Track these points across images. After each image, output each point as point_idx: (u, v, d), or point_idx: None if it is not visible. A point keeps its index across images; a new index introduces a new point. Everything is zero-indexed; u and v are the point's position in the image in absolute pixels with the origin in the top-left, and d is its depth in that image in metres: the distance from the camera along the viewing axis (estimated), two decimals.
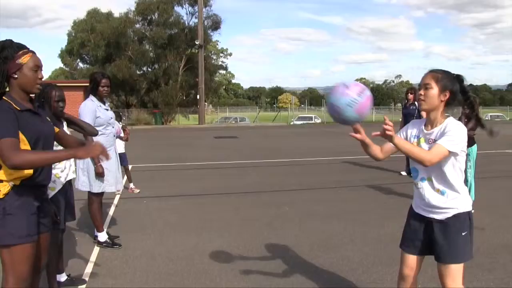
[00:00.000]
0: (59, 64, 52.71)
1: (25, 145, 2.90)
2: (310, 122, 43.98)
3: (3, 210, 2.87)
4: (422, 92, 3.23)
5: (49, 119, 3.23)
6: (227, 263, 5.19)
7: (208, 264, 5.16)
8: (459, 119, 7.67)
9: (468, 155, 7.50)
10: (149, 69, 42.56)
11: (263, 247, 5.75)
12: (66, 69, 54.40)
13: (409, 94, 11.47)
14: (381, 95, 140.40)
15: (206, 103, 44.27)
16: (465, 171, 7.40)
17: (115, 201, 8.26)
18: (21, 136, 2.88)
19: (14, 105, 2.91)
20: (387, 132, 3.03)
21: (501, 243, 5.94)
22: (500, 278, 4.76)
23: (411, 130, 3.43)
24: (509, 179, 10.81)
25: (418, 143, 3.29)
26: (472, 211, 3.28)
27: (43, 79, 3.12)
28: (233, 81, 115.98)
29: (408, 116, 11.17)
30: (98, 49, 41.29)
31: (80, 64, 49.53)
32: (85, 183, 5.55)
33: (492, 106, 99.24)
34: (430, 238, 3.27)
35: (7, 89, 2.96)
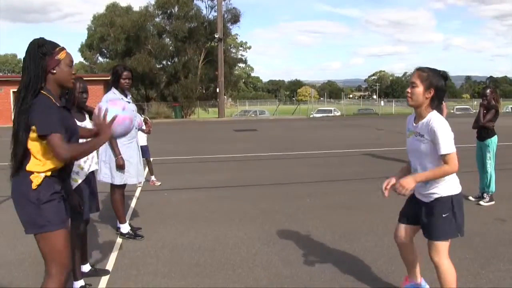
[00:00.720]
0: (79, 58, 53.00)
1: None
2: (330, 115, 43.86)
3: (38, 200, 2.97)
4: (409, 90, 3.61)
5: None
6: (249, 254, 5.23)
7: (230, 255, 5.20)
8: (478, 112, 7.65)
9: (487, 146, 7.46)
10: (169, 63, 42.76)
11: (284, 238, 5.77)
12: (86, 63, 54.77)
13: None
14: (401, 87, 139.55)
15: (225, 97, 44.31)
16: (485, 163, 7.40)
17: (137, 193, 8.33)
18: None
19: (54, 101, 3.01)
20: (404, 192, 3.48)
21: (503, 229, 5.90)
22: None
23: (407, 125, 3.87)
24: None
25: (408, 137, 3.79)
26: (456, 193, 3.75)
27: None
28: (252, 74, 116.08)
29: None
30: (118, 43, 41.49)
31: (100, 58, 49.86)
32: (107, 175, 5.61)
33: None
34: (418, 213, 3.74)
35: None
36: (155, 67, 40.39)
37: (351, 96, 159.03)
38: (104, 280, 4.52)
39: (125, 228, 5.86)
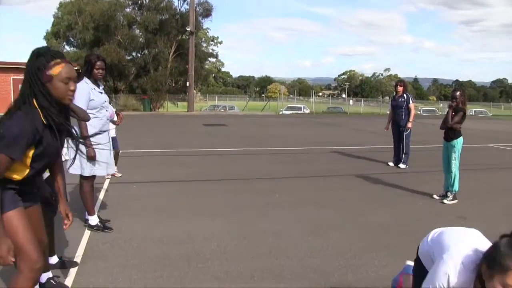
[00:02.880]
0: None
1: (25, 163, 2.91)
2: (299, 112, 44.06)
3: None
4: None
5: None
6: (219, 247, 5.25)
7: (199, 248, 5.21)
8: (447, 113, 7.83)
9: (453, 147, 7.65)
10: (139, 55, 42.30)
11: (254, 233, 5.81)
12: None
13: (398, 86, 11.57)
14: (370, 87, 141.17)
15: (195, 91, 44.11)
16: (450, 163, 7.59)
17: (105, 185, 8.26)
18: (29, 152, 2.88)
19: (42, 118, 2.89)
20: None
21: (481, 230, 6.04)
22: None
23: None
24: (491, 172, 11.06)
25: None
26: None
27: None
28: (223, 69, 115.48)
29: (397, 108, 11.29)
30: (86, 32, 40.51)
31: (67, 47, 48.86)
32: (76, 165, 5.53)
33: (476, 102, 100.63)
34: None
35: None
36: (125, 58, 39.85)
37: (320, 94, 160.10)
38: (72, 272, 4.48)
39: (93, 220, 5.82)
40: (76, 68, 5.82)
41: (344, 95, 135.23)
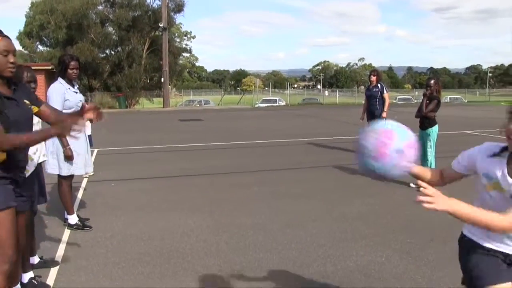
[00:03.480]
0: (17, 46, 51.42)
1: None
2: (275, 104, 44.15)
3: None
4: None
5: (27, 101, 3.26)
6: (198, 242, 5.31)
7: (179, 243, 5.26)
8: (421, 101, 7.97)
9: (429, 135, 7.79)
10: (112, 52, 41.88)
11: (233, 226, 5.87)
12: (25, 52, 53.12)
13: (371, 76, 11.66)
14: (345, 78, 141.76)
15: (170, 86, 43.92)
16: (426, 151, 7.74)
17: (83, 184, 8.24)
18: None
19: None
20: (429, 206, 2.26)
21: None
22: (454, 250, 4.99)
23: (488, 169, 2.54)
24: None
25: (489, 190, 2.54)
26: None
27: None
28: (197, 64, 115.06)
29: (371, 98, 11.38)
30: (59, 31, 40.22)
31: (40, 47, 48.33)
32: (54, 165, 5.55)
33: (451, 89, 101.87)
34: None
35: None
36: (98, 56, 39.47)
37: (295, 86, 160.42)
38: (54, 271, 4.50)
39: (73, 219, 5.83)
40: (49, 67, 5.83)
41: (319, 86, 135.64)
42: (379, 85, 11.32)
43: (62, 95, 5.45)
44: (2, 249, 3.07)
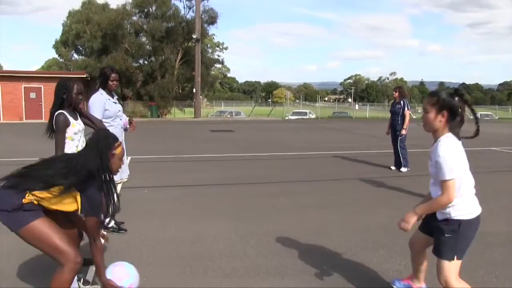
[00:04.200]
0: (53, 55, 52.93)
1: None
2: (305, 117, 44.39)
3: (17, 210, 3.36)
4: (423, 116, 3.60)
5: None
6: (226, 246, 5.60)
7: (209, 248, 5.56)
8: None
9: None
10: (146, 62, 42.76)
11: (259, 233, 6.15)
12: (61, 60, 54.37)
13: (394, 92, 11.86)
14: (376, 92, 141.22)
15: (201, 97, 44.53)
16: None
17: (118, 190, 8.60)
18: None
19: None
20: (407, 228, 3.74)
21: (478, 231, 6.37)
22: (472, 261, 5.21)
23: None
24: (491, 175, 11.28)
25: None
26: (467, 218, 3.71)
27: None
28: (228, 75, 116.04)
29: (394, 114, 11.56)
30: (94, 40, 41.33)
31: (75, 56, 49.56)
32: None
33: (483, 105, 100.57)
34: (432, 228, 3.83)
35: None
36: (132, 66, 40.36)
37: (326, 99, 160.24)
38: (92, 269, 4.83)
39: (109, 222, 6.17)
40: (84, 76, 6.23)
41: (350, 100, 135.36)
42: (402, 102, 11.48)
43: (103, 105, 5.82)
44: (59, 249, 3.43)
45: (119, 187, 8.71)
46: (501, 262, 5.25)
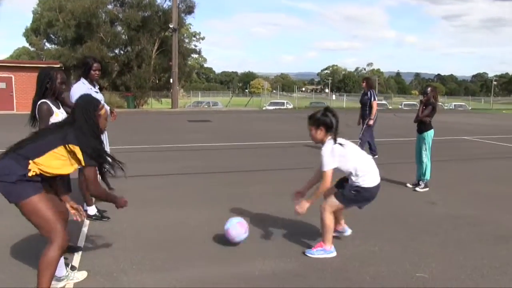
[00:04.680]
0: (23, 43, 51.78)
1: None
2: (282, 107, 44.58)
3: (23, 179, 3.55)
4: (310, 134, 4.97)
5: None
6: (210, 232, 5.75)
7: (193, 233, 5.73)
8: (418, 107, 8.46)
9: (424, 138, 8.26)
10: (122, 52, 42.22)
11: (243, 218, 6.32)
12: (32, 49, 53.27)
13: (362, 83, 12.08)
14: (352, 82, 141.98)
15: (178, 87, 44.38)
16: (421, 153, 8.20)
17: (99, 179, 8.68)
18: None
19: None
20: (302, 211, 4.92)
21: (447, 214, 6.73)
22: (441, 242, 5.51)
23: None
24: (461, 162, 11.72)
25: None
26: (365, 186, 4.89)
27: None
28: (205, 65, 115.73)
29: (362, 105, 11.76)
30: (67, 29, 40.07)
31: (48, 45, 48.35)
32: None
33: (457, 96, 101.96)
34: None
35: None
36: (107, 55, 39.77)
37: (303, 89, 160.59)
38: (77, 255, 4.96)
39: (92, 210, 6.28)
40: (58, 66, 6.31)
41: (327, 90, 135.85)
42: (369, 92, 11.66)
43: None
44: (51, 226, 3.63)
45: (99, 176, 8.81)
46: (468, 242, 5.54)
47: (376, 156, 11.73)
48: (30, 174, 3.53)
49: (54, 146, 3.65)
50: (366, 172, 4.88)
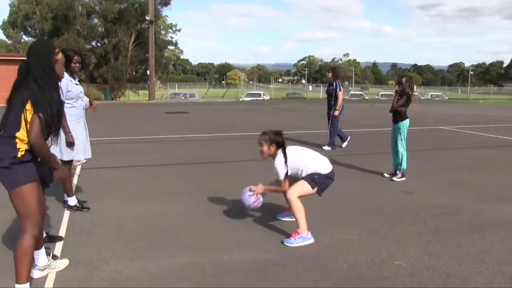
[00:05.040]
0: (1, 36, 51.42)
1: None
2: (259, 98, 44.68)
3: (14, 164, 3.57)
4: (260, 149, 5.70)
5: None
6: (188, 222, 5.85)
7: (171, 224, 5.80)
8: (394, 97, 8.59)
9: (399, 128, 8.41)
10: (99, 44, 41.99)
11: (219, 209, 6.44)
12: (9, 42, 52.93)
13: (328, 73, 12.11)
14: None
15: (155, 79, 44.18)
16: (397, 143, 8.36)
17: (77, 171, 8.72)
18: None
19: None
20: (254, 188, 5.67)
21: (424, 203, 6.86)
22: (418, 230, 5.64)
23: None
24: (438, 152, 11.90)
25: None
26: (323, 172, 5.37)
27: None
28: (182, 57, 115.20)
29: (328, 95, 11.84)
30: (44, 22, 40.09)
31: (25, 37, 48.23)
32: (56, 151, 6.03)
33: (434, 86, 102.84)
34: None
35: None
36: (84, 48, 39.47)
37: (280, 80, 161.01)
38: (59, 245, 5.02)
39: (72, 200, 6.32)
40: None
41: (303, 81, 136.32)
42: (335, 83, 11.68)
43: (65, 87, 5.92)
44: (32, 216, 3.68)
45: (78, 168, 8.85)
46: (445, 230, 5.67)
47: (346, 143, 11.90)
48: (19, 154, 3.56)
49: (21, 111, 3.58)
50: (317, 164, 5.47)
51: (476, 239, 5.40)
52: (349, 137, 12.04)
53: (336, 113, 11.63)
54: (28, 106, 3.55)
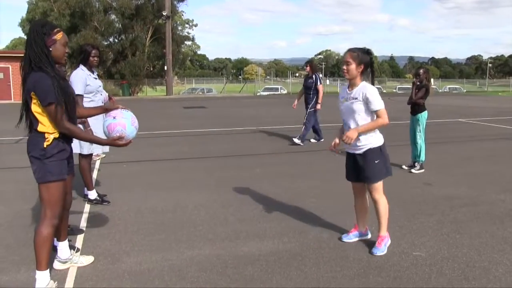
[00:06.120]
0: (19, 33, 52.00)
1: None
2: (276, 93, 44.63)
3: (42, 156, 3.64)
4: (344, 67, 4.54)
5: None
6: (208, 215, 5.88)
7: (190, 215, 5.84)
8: (412, 89, 8.54)
9: (418, 120, 8.37)
10: (116, 40, 42.32)
11: (238, 201, 6.46)
12: None
13: (305, 67, 12.02)
14: None
15: (172, 74, 44.34)
16: (416, 135, 8.31)
17: (97, 165, 8.81)
18: None
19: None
20: (350, 142, 4.47)
21: (443, 195, 6.81)
22: (437, 221, 5.61)
23: (341, 94, 4.80)
24: (456, 144, 11.80)
25: (343, 103, 4.69)
26: (382, 143, 4.63)
27: None
28: (199, 52, 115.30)
29: (306, 89, 11.70)
30: (62, 18, 40.34)
31: None
32: (75, 145, 6.07)
33: (452, 79, 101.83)
34: (356, 167, 4.71)
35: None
36: (102, 44, 39.84)
37: (297, 74, 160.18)
38: (80, 237, 5.08)
39: (92, 194, 6.39)
40: None
41: (321, 75, 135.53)
42: (314, 76, 11.56)
43: (84, 81, 5.99)
44: (55, 207, 3.74)
45: (98, 162, 8.93)
46: (463, 221, 5.65)
47: (322, 140, 11.83)
48: (45, 144, 3.63)
49: (30, 106, 3.64)
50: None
51: (495, 229, 5.36)
52: (322, 139, 11.98)
53: (319, 107, 11.58)
54: (34, 99, 3.61)
